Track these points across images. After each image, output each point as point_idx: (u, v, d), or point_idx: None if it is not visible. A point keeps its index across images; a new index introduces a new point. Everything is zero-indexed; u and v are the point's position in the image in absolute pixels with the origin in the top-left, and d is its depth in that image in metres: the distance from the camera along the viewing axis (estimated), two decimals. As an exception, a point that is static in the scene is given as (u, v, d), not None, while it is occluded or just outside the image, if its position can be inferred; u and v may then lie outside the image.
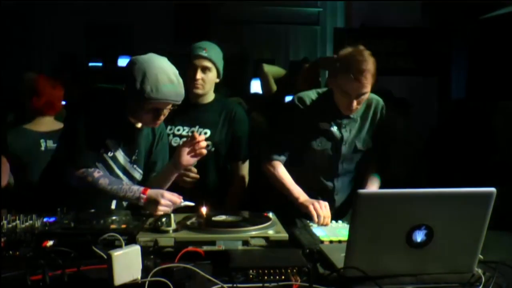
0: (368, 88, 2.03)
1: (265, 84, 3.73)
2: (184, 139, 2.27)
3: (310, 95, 2.22)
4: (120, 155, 2.03)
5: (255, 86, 5.02)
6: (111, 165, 2.01)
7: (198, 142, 2.01)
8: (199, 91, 2.34)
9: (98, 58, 6.50)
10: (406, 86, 5.57)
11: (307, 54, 7.95)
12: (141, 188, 1.90)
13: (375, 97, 2.24)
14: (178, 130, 2.37)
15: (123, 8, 6.85)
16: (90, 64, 6.09)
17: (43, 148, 2.62)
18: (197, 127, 2.37)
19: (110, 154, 2.01)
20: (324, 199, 2.02)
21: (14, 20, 6.00)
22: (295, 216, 1.97)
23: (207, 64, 2.31)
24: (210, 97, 2.43)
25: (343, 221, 1.96)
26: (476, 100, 4.92)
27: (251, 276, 1.34)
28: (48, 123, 2.72)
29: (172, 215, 1.62)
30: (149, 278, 1.27)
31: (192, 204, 1.83)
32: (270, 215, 1.81)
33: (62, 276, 1.31)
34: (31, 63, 6.46)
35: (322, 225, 1.90)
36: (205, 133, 2.35)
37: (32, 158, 2.55)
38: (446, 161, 4.90)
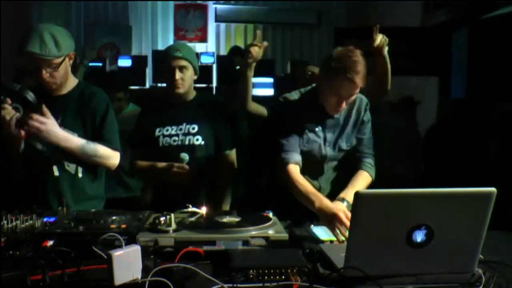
0: (359, 88, 2.03)
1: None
2: (175, 138, 2.43)
3: (294, 95, 2.23)
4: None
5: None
6: None
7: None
8: (181, 90, 2.45)
9: (98, 58, 6.50)
10: (407, 86, 5.57)
11: (307, 54, 7.97)
12: None
13: (358, 95, 2.18)
14: (167, 130, 2.47)
15: (122, 8, 6.85)
16: (90, 64, 6.09)
17: None
18: (184, 124, 2.47)
19: None
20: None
21: (14, 19, 6.00)
22: (296, 215, 1.96)
23: (183, 63, 2.42)
24: (191, 94, 2.55)
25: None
26: (476, 100, 4.92)
27: (251, 276, 1.34)
28: None
29: (172, 215, 1.62)
30: (149, 278, 1.27)
31: (199, 211, 1.82)
32: (270, 215, 1.81)
33: (62, 276, 1.32)
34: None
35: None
36: (193, 128, 2.46)
37: None
38: (446, 161, 4.90)
